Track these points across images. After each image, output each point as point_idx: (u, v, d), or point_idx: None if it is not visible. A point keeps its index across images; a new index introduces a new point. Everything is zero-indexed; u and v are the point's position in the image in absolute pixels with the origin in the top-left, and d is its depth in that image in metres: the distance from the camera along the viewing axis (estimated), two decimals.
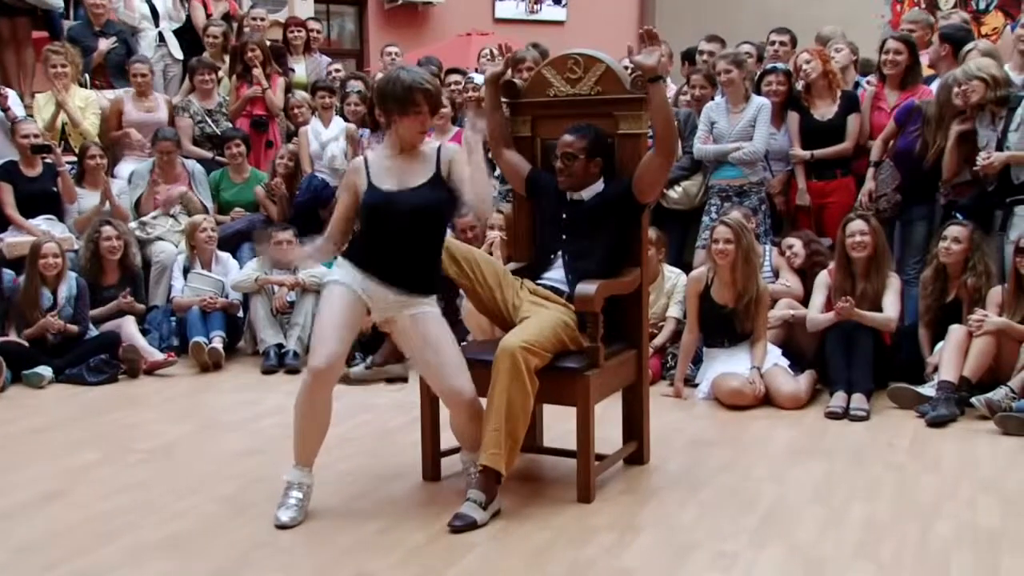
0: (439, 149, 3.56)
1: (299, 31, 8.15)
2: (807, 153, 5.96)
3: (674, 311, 5.55)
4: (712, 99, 6.14)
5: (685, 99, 6.43)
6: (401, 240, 3.46)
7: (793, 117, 6.04)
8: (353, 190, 3.56)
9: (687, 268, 5.63)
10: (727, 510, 3.55)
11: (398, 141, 3.53)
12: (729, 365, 5.04)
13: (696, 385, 5.21)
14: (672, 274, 5.65)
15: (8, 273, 5.87)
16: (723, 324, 5.08)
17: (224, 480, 3.91)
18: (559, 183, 3.85)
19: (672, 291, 5.58)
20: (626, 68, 3.95)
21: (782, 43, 6.70)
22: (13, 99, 6.77)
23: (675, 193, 6.09)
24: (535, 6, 12.94)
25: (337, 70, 8.13)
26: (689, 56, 7.42)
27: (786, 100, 6.08)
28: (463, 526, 3.34)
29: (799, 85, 6.09)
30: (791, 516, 3.49)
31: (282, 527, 3.38)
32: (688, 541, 3.27)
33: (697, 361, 5.30)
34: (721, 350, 5.14)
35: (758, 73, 6.26)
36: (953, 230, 5.07)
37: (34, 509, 3.61)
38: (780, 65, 6.28)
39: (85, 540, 3.31)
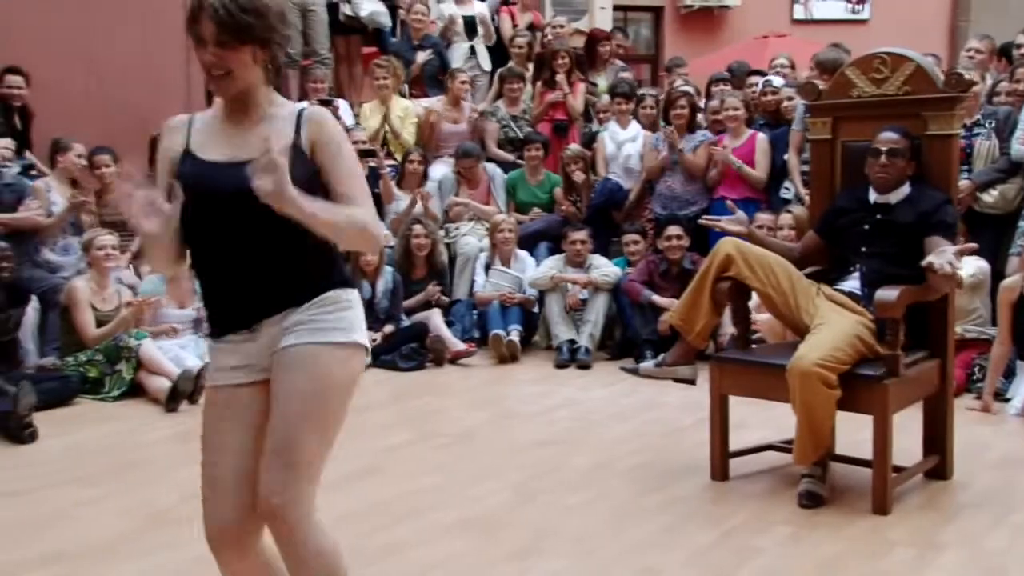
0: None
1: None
2: None
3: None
4: None
5: (1009, 98, 5.94)
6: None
7: None
8: None
9: (999, 276, 5.26)
10: None
11: None
12: None
13: (1008, 400, 4.89)
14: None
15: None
16: None
17: (517, 468, 4.10)
18: (876, 180, 3.74)
19: None
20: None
21: None
22: (344, 109, 7.46)
23: (990, 197, 5.69)
24: (858, 6, 12.43)
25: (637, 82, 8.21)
26: (1005, 51, 6.90)
27: None
28: (811, 504, 3.57)
29: None
30: None
31: None
32: (997, 565, 3.09)
33: (1009, 375, 4.97)
34: None
35: None
36: None
37: (354, 483, 3.94)
38: None
39: (394, 515, 3.59)
